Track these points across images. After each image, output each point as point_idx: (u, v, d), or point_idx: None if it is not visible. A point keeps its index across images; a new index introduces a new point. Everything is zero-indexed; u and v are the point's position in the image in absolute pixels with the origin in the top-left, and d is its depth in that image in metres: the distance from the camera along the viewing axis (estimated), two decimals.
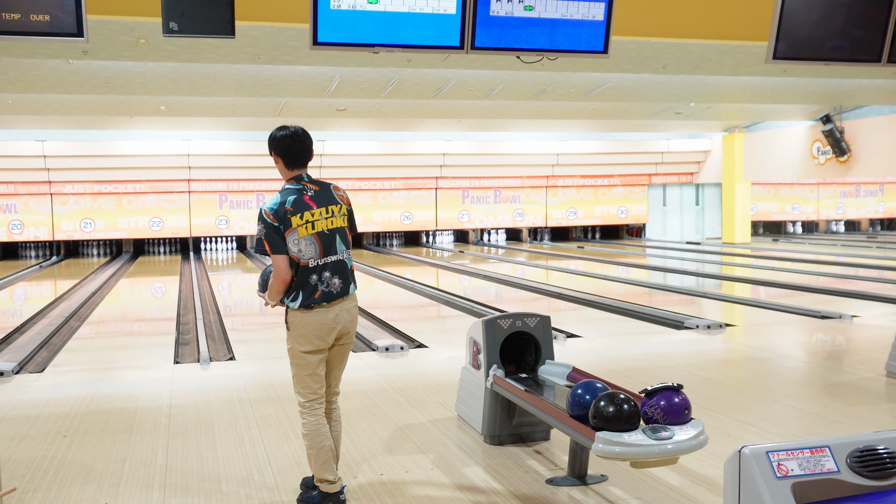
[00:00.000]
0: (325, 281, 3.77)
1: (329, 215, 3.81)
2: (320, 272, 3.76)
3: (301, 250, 3.74)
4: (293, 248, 3.73)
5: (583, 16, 5.45)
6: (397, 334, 8.64)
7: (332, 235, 3.80)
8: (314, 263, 3.75)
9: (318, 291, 3.75)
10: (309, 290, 3.75)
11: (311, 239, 3.74)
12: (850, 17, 5.94)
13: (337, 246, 3.82)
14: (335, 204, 3.86)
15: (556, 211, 23.42)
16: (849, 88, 14.61)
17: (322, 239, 3.76)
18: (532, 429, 4.82)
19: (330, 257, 3.79)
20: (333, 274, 3.79)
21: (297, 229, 3.72)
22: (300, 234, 3.72)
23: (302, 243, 3.73)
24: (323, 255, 3.77)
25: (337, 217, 3.85)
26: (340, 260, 3.84)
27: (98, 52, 8.98)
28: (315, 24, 5.06)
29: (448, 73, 11.69)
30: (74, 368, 7.31)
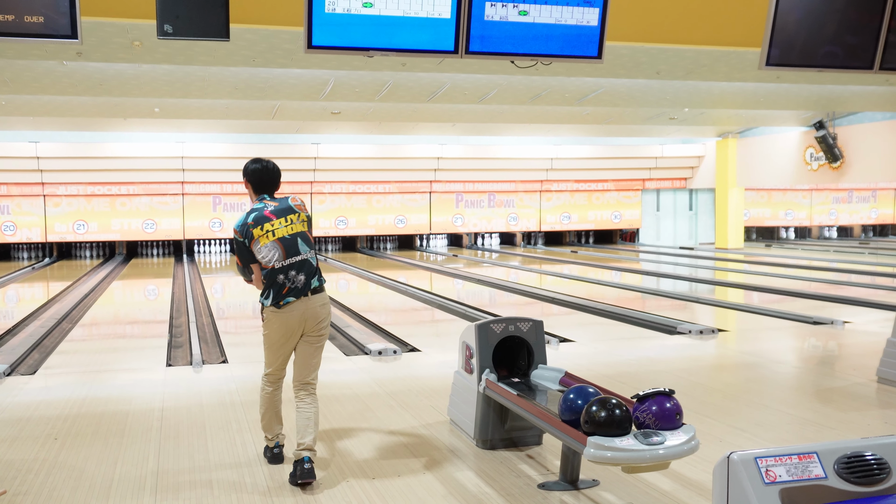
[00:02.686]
0: (291, 279, 4.30)
1: (288, 223, 4.37)
2: (286, 271, 4.30)
3: (265, 256, 4.33)
4: (258, 256, 4.35)
5: (577, 21, 5.47)
6: (390, 338, 8.64)
7: (293, 239, 4.35)
8: (279, 265, 4.31)
9: (286, 288, 4.30)
10: (277, 288, 4.31)
11: (273, 245, 4.32)
12: (842, 24, 5.97)
13: (299, 247, 4.35)
14: (293, 213, 4.42)
15: (550, 215, 23.45)
16: (842, 95, 14.67)
17: (284, 243, 4.32)
18: (524, 433, 4.82)
19: (293, 258, 4.32)
20: (298, 272, 4.32)
21: (258, 240, 4.33)
22: (262, 243, 4.32)
23: (264, 251, 4.32)
24: (286, 257, 4.31)
25: (296, 224, 4.40)
26: (304, 259, 4.36)
27: (92, 54, 8.97)
28: (310, 27, 5.07)
29: (443, 77, 11.71)
30: (66, 371, 7.29)
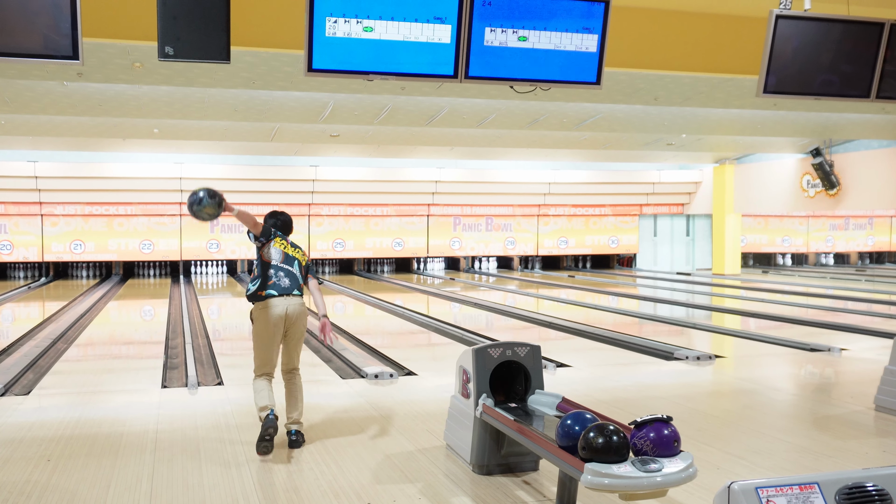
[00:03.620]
0: (279, 277, 5.39)
1: (294, 250, 5.58)
2: (276, 270, 5.39)
3: (270, 254, 5.46)
4: (267, 253, 5.45)
5: (576, 47, 5.50)
6: (387, 361, 8.61)
7: (292, 258, 5.53)
8: (275, 263, 5.42)
9: (271, 281, 5.35)
10: (266, 279, 5.37)
11: (278, 250, 5.49)
12: (839, 54, 6.01)
13: (294, 264, 5.50)
14: (300, 249, 5.66)
15: (548, 240, 23.47)
16: (838, 122, 14.76)
17: (285, 254, 5.50)
18: (521, 459, 4.79)
19: (286, 266, 5.45)
20: (286, 276, 5.42)
21: (273, 242, 5.51)
22: (274, 245, 5.50)
23: (272, 251, 5.47)
24: (283, 262, 5.45)
25: (299, 255, 5.59)
26: (293, 272, 5.48)
27: (93, 75, 9.00)
28: (310, 50, 5.09)
29: (441, 101, 11.76)
30: (61, 391, 7.25)
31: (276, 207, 21.96)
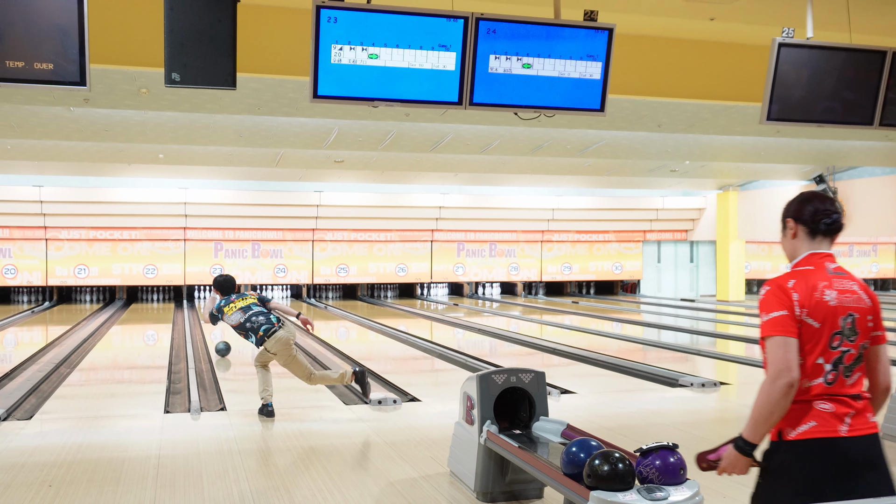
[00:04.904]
0: (257, 322, 6.95)
1: (241, 301, 7.14)
2: (249, 320, 6.97)
3: (233, 319, 7.03)
4: (228, 321, 7.08)
5: (580, 74, 5.53)
6: (390, 387, 8.58)
7: (247, 306, 7.10)
8: (243, 319, 7.00)
9: (257, 327, 6.93)
10: (253, 332, 6.94)
11: (236, 312, 7.06)
12: (842, 81, 6.03)
13: (251, 307, 7.09)
14: (244, 297, 7.21)
15: (551, 266, 23.47)
16: (841, 149, 14.78)
17: (241, 310, 7.07)
18: (525, 486, 4.76)
19: (249, 313, 7.02)
20: (257, 316, 7.00)
21: (227, 312, 7.10)
22: (229, 313, 7.09)
23: (233, 317, 7.05)
24: (245, 314, 7.02)
25: (247, 299, 7.18)
26: (259, 310, 7.06)
27: (99, 101, 9.06)
28: (315, 77, 5.12)
29: (446, 128, 11.81)
30: (63, 416, 7.23)
31: (280, 233, 22.00)
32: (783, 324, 2.60)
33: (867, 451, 2.61)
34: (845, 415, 2.60)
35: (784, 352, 2.58)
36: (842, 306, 2.63)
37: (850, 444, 2.57)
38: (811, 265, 2.72)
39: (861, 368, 2.68)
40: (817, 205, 2.80)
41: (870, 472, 2.59)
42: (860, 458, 2.58)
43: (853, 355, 2.63)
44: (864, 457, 2.60)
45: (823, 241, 2.78)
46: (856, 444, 2.58)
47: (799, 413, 2.62)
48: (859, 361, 2.66)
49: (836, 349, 2.61)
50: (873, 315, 2.69)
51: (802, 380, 2.61)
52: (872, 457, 2.61)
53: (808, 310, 2.61)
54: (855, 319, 2.64)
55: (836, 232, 2.78)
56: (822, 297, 2.62)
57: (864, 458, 2.59)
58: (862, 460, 2.59)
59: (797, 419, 2.62)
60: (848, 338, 2.63)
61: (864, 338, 2.66)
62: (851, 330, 2.63)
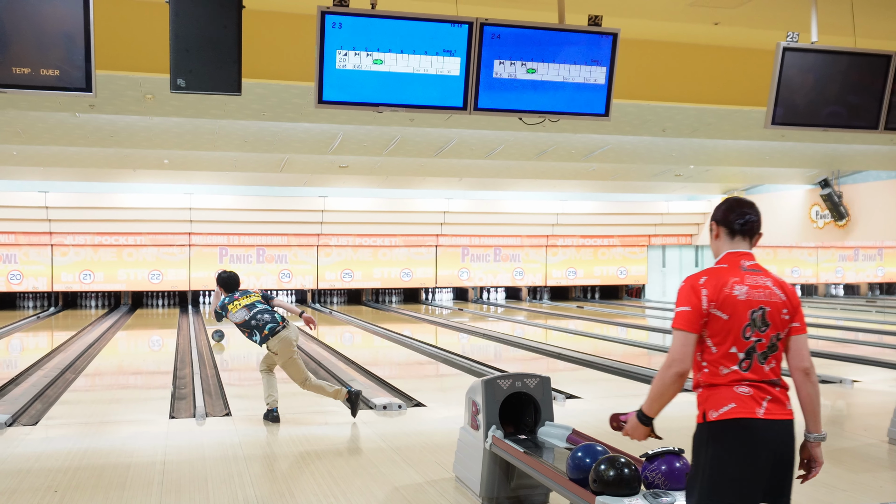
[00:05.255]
0: (262, 320, 6.96)
1: (245, 299, 7.15)
2: (254, 318, 6.98)
3: (237, 317, 7.05)
4: (232, 318, 7.09)
5: (584, 79, 5.53)
6: (395, 392, 8.57)
7: (251, 304, 7.11)
8: (248, 317, 7.00)
9: (261, 325, 6.94)
10: (258, 331, 6.95)
11: (240, 310, 7.06)
12: (846, 85, 6.03)
13: (256, 305, 7.09)
14: (248, 295, 7.23)
15: (556, 270, 23.45)
16: (846, 153, 14.76)
17: (246, 307, 7.07)
18: (531, 491, 4.75)
19: (254, 311, 7.03)
20: (262, 314, 7.01)
21: (231, 310, 7.11)
22: (233, 311, 7.09)
23: (237, 315, 7.06)
24: (250, 312, 7.03)
25: (251, 297, 7.20)
26: (263, 308, 7.08)
27: (105, 107, 9.09)
28: (320, 83, 5.13)
29: (450, 133, 11.82)
30: (68, 421, 7.24)
31: (285, 238, 21.98)
32: (686, 319, 2.86)
33: (781, 435, 2.81)
34: (763, 399, 2.81)
35: (681, 345, 2.85)
36: (751, 300, 2.84)
37: (765, 425, 2.78)
38: (726, 263, 2.94)
39: (777, 357, 2.90)
40: (735, 208, 2.99)
41: (780, 454, 2.82)
42: (773, 440, 2.79)
43: (765, 345, 2.85)
44: (778, 440, 2.80)
45: (742, 241, 2.98)
46: (771, 426, 2.79)
47: (721, 396, 2.83)
48: (773, 350, 2.88)
49: (749, 339, 2.83)
50: (788, 309, 2.89)
51: (719, 366, 2.84)
52: (785, 441, 2.83)
53: (716, 303, 2.83)
54: (766, 312, 2.84)
55: (752, 232, 2.98)
56: (731, 291, 2.83)
57: (777, 441, 2.80)
58: (775, 442, 2.79)
59: (719, 402, 2.83)
60: (759, 328, 2.83)
61: (778, 329, 2.87)
62: (762, 321, 2.84)
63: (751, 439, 2.78)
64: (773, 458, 2.80)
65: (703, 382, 2.91)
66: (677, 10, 6.73)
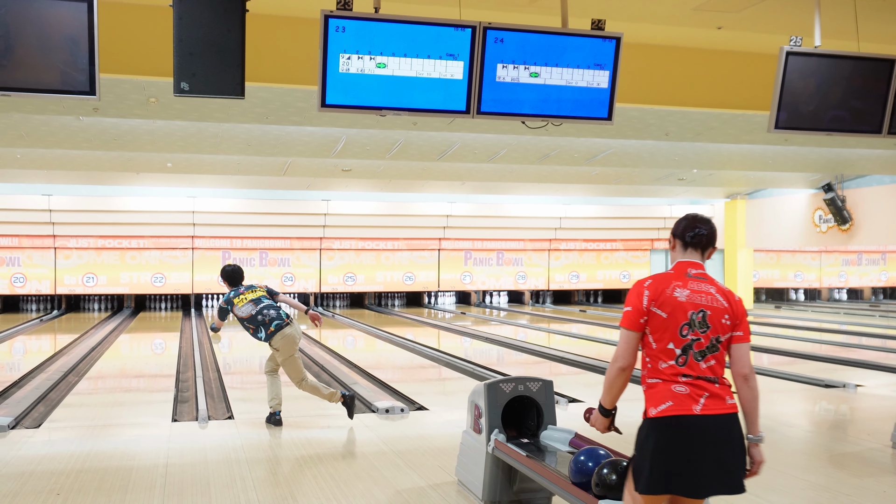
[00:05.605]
0: (268, 316, 6.97)
1: (251, 294, 7.12)
2: (260, 313, 6.97)
3: (243, 311, 7.02)
4: (238, 312, 7.05)
5: (588, 83, 5.54)
6: (398, 396, 8.57)
7: (258, 298, 7.08)
8: (254, 312, 6.99)
9: (267, 321, 6.94)
10: (263, 326, 6.95)
11: (247, 304, 7.04)
12: (850, 90, 6.02)
13: (261, 300, 7.07)
14: (254, 290, 7.19)
15: (559, 274, 23.44)
16: (850, 158, 14.75)
17: (252, 302, 7.05)
18: (533, 495, 4.75)
19: (260, 306, 7.01)
20: (269, 309, 7.01)
21: (237, 304, 7.07)
22: (239, 305, 7.06)
23: (243, 309, 7.04)
24: (256, 307, 7.00)
25: (257, 291, 7.16)
26: (269, 304, 7.06)
27: (108, 110, 9.11)
28: (324, 86, 5.14)
29: (453, 137, 11.83)
30: (71, 424, 7.24)
31: (288, 241, 21.96)
32: (628, 318, 3.12)
33: (720, 429, 2.99)
34: (700, 396, 3.00)
35: (624, 342, 3.13)
36: (691, 303, 3.06)
37: (702, 421, 2.97)
38: (674, 270, 3.19)
39: (717, 358, 3.07)
40: (688, 222, 3.24)
41: (722, 446, 2.98)
42: (711, 434, 2.97)
43: (703, 344, 3.04)
44: (717, 433, 2.98)
45: (694, 252, 3.21)
46: (708, 421, 2.98)
47: (659, 394, 3.04)
48: (713, 350, 3.06)
49: (685, 337, 3.04)
50: (730, 315, 3.10)
51: (658, 361, 3.06)
52: (725, 434, 2.99)
53: (656, 303, 3.07)
54: (706, 315, 3.06)
55: (703, 245, 3.21)
56: (672, 293, 3.08)
57: (715, 435, 2.97)
58: (713, 436, 2.97)
59: (658, 399, 3.04)
60: (698, 328, 3.05)
61: (718, 332, 3.07)
62: (702, 323, 3.05)
63: (688, 434, 2.97)
64: (714, 451, 2.96)
65: (645, 377, 3.12)
66: (681, 15, 6.73)
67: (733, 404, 3.06)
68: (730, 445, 3.00)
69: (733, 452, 3.01)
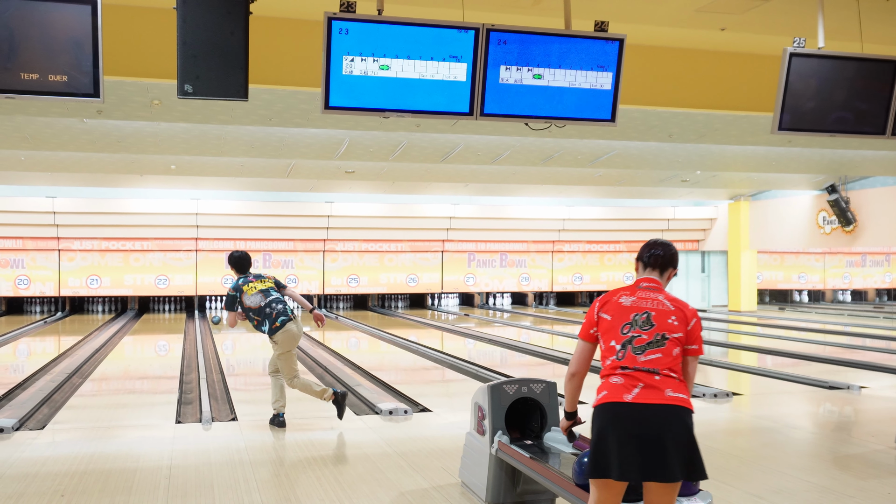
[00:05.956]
0: (275, 309, 6.93)
1: (261, 284, 7.06)
2: (269, 306, 6.95)
3: (252, 301, 6.96)
4: (247, 301, 6.96)
5: (591, 85, 5.54)
6: (401, 397, 8.57)
7: (267, 290, 7.03)
8: (263, 304, 6.95)
9: (274, 315, 6.91)
10: (270, 320, 6.93)
11: (256, 294, 6.98)
12: (853, 91, 6.02)
13: (270, 292, 7.04)
14: (263, 280, 7.12)
15: (562, 276, 23.43)
16: (854, 159, 14.73)
17: (261, 293, 7.00)
18: (537, 497, 4.75)
19: (269, 298, 6.99)
20: (277, 303, 6.99)
21: (246, 292, 7.00)
22: (249, 294, 6.98)
23: (252, 298, 6.97)
24: (265, 299, 6.97)
25: (266, 282, 7.11)
26: (277, 297, 7.04)
27: (112, 112, 9.12)
28: (327, 88, 5.15)
29: (456, 138, 11.83)
30: (75, 426, 7.26)
31: (291, 243, 21.93)
32: (582, 329, 3.53)
33: (650, 417, 3.18)
34: (634, 386, 3.24)
35: (576, 351, 3.55)
36: (636, 306, 3.37)
37: (632, 408, 3.20)
38: (629, 284, 3.53)
39: (662, 351, 3.28)
40: (648, 244, 3.58)
41: (654, 435, 3.15)
42: (640, 422, 3.17)
43: (644, 340, 3.30)
44: (647, 421, 3.17)
45: (652, 271, 3.53)
46: (639, 409, 3.19)
47: (602, 386, 3.35)
48: (657, 345, 3.29)
49: (626, 335, 3.33)
50: (678, 318, 3.34)
51: (606, 359, 3.38)
52: (655, 423, 3.17)
53: (603, 309, 3.45)
54: (650, 315, 3.34)
55: (659, 264, 3.51)
56: (618, 300, 3.43)
57: (645, 423, 3.17)
58: (642, 424, 3.17)
59: (599, 391, 3.35)
60: (640, 327, 3.32)
61: (664, 330, 3.31)
62: (645, 322, 3.32)
63: (618, 421, 3.21)
64: (643, 439, 3.15)
65: (601, 375, 3.40)
66: (684, 16, 6.73)
67: (676, 397, 3.22)
68: (666, 435, 3.14)
69: (671, 443, 3.13)
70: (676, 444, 3.15)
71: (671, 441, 3.14)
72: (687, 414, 3.24)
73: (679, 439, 3.16)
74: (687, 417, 3.23)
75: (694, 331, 3.36)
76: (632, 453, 3.14)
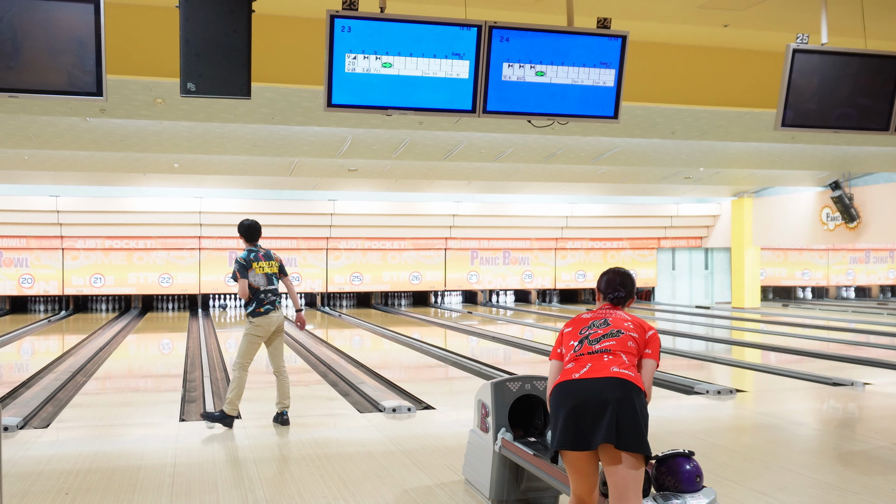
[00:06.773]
0: (268, 298, 6.97)
1: (268, 267, 7.03)
2: (265, 293, 6.96)
3: (257, 281, 6.93)
4: (252, 279, 6.90)
5: (594, 82, 5.53)
6: (405, 395, 8.57)
7: (271, 275, 7.03)
8: (263, 288, 6.95)
9: (265, 302, 6.96)
10: (258, 303, 6.93)
11: (261, 276, 6.95)
12: (857, 87, 6.00)
13: (273, 280, 7.04)
14: (272, 260, 7.11)
15: (565, 273, 23.42)
16: (857, 155, 14.70)
17: (266, 276, 6.99)
18: (540, 494, 4.75)
19: (269, 286, 6.99)
20: (272, 293, 7.01)
21: (254, 269, 6.95)
22: (256, 272, 6.94)
23: (258, 278, 6.93)
24: (266, 285, 6.97)
25: (274, 266, 7.09)
26: (275, 288, 7.05)
27: (115, 111, 9.13)
28: (329, 86, 5.14)
29: (459, 136, 11.82)
30: (79, 424, 7.27)
31: (295, 241, 21.91)
32: (553, 352, 3.76)
33: (594, 387, 3.39)
34: (583, 367, 3.49)
35: (550, 372, 3.72)
36: (594, 317, 3.69)
37: (578, 383, 3.44)
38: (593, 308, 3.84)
39: (617, 340, 3.53)
40: (609, 284, 3.85)
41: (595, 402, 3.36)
42: (586, 392, 3.40)
43: (599, 334, 3.58)
44: (591, 391, 3.39)
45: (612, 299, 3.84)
46: (585, 382, 3.42)
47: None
48: (608, 337, 3.55)
49: (582, 333, 3.63)
50: (633, 324, 3.60)
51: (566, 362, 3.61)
52: (599, 391, 3.38)
53: (566, 326, 3.76)
54: (607, 320, 3.64)
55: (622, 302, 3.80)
56: (580, 317, 3.76)
57: (589, 392, 3.39)
58: (586, 393, 3.39)
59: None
60: (597, 328, 3.61)
61: (620, 327, 3.58)
62: (602, 324, 3.62)
63: (566, 395, 3.45)
64: (584, 407, 3.36)
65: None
66: (686, 13, 6.72)
67: (622, 373, 3.41)
68: (606, 403, 3.32)
69: (611, 410, 3.30)
70: (617, 412, 3.30)
71: (611, 408, 3.31)
72: (632, 388, 3.38)
73: (620, 407, 3.31)
74: (632, 391, 3.37)
75: (651, 340, 3.57)
76: (573, 422, 3.36)
